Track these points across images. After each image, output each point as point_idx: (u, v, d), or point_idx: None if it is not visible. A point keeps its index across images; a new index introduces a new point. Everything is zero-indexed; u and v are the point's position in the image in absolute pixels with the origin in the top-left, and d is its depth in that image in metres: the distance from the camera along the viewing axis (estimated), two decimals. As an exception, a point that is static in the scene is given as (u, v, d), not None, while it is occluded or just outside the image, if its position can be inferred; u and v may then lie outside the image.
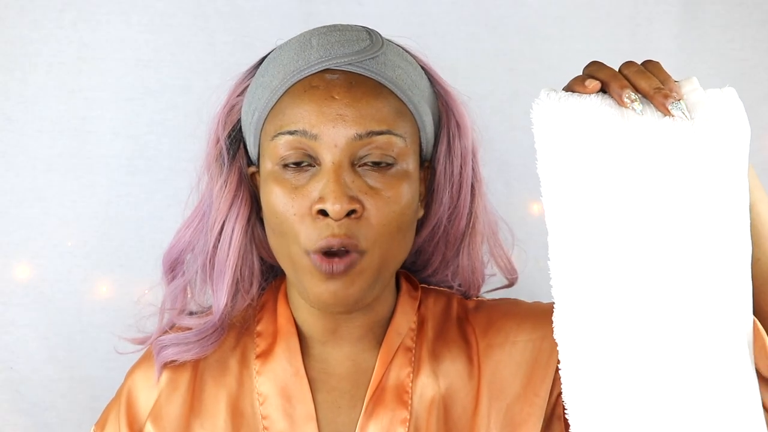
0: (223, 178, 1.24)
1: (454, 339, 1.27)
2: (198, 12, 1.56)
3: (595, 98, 1.04)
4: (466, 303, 1.32)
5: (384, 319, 1.26)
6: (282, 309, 1.27)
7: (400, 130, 1.18)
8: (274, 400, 1.23)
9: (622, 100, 1.02)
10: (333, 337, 1.25)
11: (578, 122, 1.02)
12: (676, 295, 1.01)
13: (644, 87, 1.03)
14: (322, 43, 1.19)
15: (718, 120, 1.02)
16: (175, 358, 1.25)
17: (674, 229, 1.01)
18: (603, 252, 1.01)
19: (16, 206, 1.53)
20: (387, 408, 1.22)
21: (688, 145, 1.01)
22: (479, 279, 1.33)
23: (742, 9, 1.66)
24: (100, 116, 1.54)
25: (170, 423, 1.23)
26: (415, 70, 1.23)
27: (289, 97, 1.18)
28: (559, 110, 1.03)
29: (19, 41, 1.52)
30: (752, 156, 1.67)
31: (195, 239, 1.28)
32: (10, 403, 1.53)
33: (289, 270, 1.20)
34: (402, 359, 1.25)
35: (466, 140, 1.26)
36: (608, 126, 1.02)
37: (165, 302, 1.30)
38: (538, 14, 1.63)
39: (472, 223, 1.29)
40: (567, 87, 1.06)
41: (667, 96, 1.02)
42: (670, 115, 1.02)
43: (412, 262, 1.34)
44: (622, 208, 1.01)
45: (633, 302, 1.01)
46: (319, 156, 1.16)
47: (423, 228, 1.28)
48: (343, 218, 1.14)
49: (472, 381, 1.25)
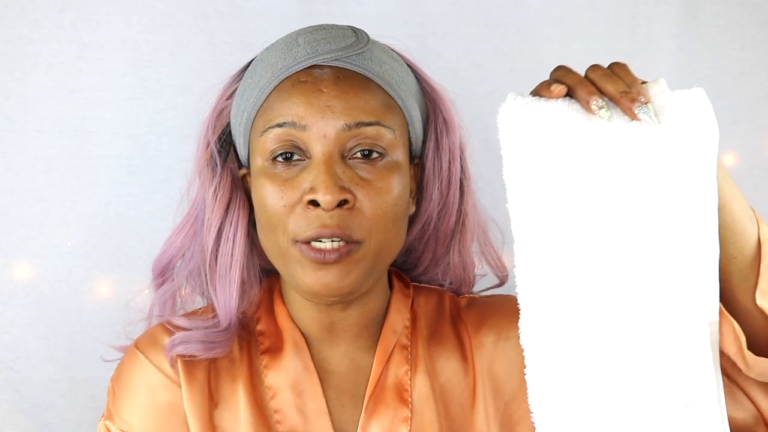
0: (216, 181, 1.24)
1: (448, 337, 1.28)
2: (198, 12, 1.56)
3: (561, 103, 1.03)
4: (458, 300, 1.32)
5: (378, 317, 1.27)
6: (279, 308, 1.27)
7: (389, 122, 1.18)
8: (285, 394, 1.23)
9: (589, 106, 1.02)
10: (329, 335, 1.25)
11: (544, 127, 1.01)
12: (643, 302, 1.01)
13: (611, 91, 1.03)
14: (309, 40, 1.20)
15: (686, 122, 1.01)
16: (195, 354, 1.23)
17: (641, 233, 1.00)
18: (570, 258, 1.01)
19: (16, 206, 1.53)
20: (389, 407, 1.22)
21: (655, 148, 1.00)
22: (470, 276, 1.33)
23: (742, 9, 1.66)
24: (100, 116, 1.54)
25: (194, 414, 1.22)
26: (402, 66, 1.24)
27: (278, 93, 1.19)
28: (525, 115, 1.02)
29: (19, 41, 1.52)
30: (752, 156, 1.68)
31: (186, 245, 1.28)
32: (10, 403, 1.53)
33: (279, 264, 1.20)
34: (399, 357, 1.25)
35: (454, 136, 1.26)
36: (575, 131, 1.01)
37: (153, 308, 1.30)
38: (538, 14, 1.63)
39: (462, 219, 1.29)
40: (534, 91, 1.06)
41: (633, 100, 1.01)
42: (636, 119, 1.01)
43: (402, 261, 1.34)
44: (588, 214, 1.00)
45: (600, 309, 1.01)
46: (309, 148, 1.16)
47: (413, 225, 1.28)
48: (335, 209, 1.14)
49: (468, 378, 1.25)
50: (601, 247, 1.00)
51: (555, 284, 1.01)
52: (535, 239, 1.01)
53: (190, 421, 1.21)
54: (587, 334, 1.01)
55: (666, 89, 1.03)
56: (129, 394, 1.23)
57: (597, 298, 1.01)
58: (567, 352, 1.02)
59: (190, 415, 1.21)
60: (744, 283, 1.09)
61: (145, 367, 1.23)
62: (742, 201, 1.08)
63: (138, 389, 1.23)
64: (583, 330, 1.01)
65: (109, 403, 1.25)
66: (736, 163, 1.68)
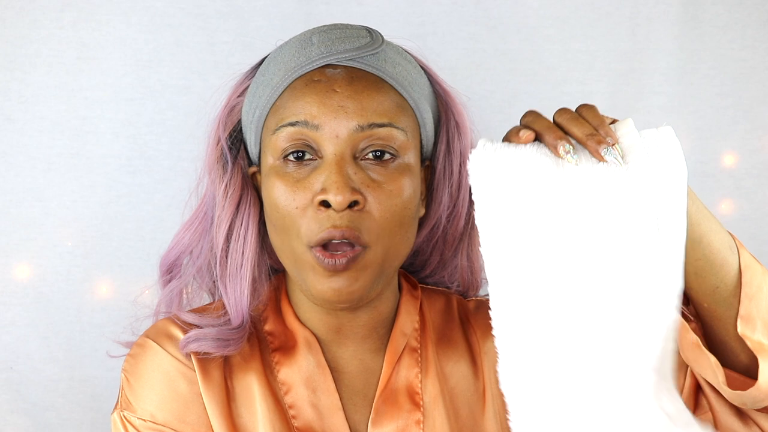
0: (227, 178, 1.24)
1: (457, 340, 1.28)
2: (198, 12, 1.56)
3: (530, 148, 1.04)
4: (466, 303, 1.32)
5: (387, 319, 1.27)
6: (286, 309, 1.27)
7: (402, 124, 1.18)
8: (299, 390, 1.23)
9: (557, 151, 1.03)
10: (337, 336, 1.25)
11: (513, 172, 1.03)
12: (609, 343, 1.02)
13: (578, 134, 1.04)
14: (323, 39, 1.20)
15: (652, 163, 1.02)
16: (210, 351, 1.22)
17: (609, 274, 1.01)
18: (542, 300, 1.02)
19: (16, 206, 1.53)
20: (402, 409, 1.22)
21: (621, 189, 1.02)
22: (478, 279, 1.33)
23: (742, 9, 1.66)
24: (100, 116, 1.54)
25: (214, 411, 1.21)
26: (415, 68, 1.23)
27: (291, 92, 1.18)
28: (495, 161, 1.03)
29: (19, 41, 1.52)
30: (752, 156, 1.68)
31: (194, 241, 1.27)
32: (10, 403, 1.53)
33: (291, 267, 1.20)
34: (409, 360, 1.25)
35: (466, 140, 1.26)
36: (543, 175, 1.03)
37: (160, 305, 1.30)
38: (538, 14, 1.63)
39: (471, 223, 1.29)
40: (504, 138, 1.07)
41: (600, 142, 1.03)
42: (603, 160, 1.03)
43: (409, 263, 1.34)
44: (558, 257, 1.02)
45: (569, 351, 1.02)
46: (320, 148, 1.16)
47: (422, 227, 1.28)
48: (346, 210, 1.14)
49: (478, 382, 1.26)
50: (572, 289, 1.02)
51: (528, 327, 1.03)
52: (508, 282, 1.03)
53: (211, 417, 1.20)
54: (558, 375, 1.03)
55: (633, 130, 1.04)
56: (147, 384, 1.21)
57: (567, 341, 1.02)
58: (540, 391, 1.03)
59: (210, 411, 1.21)
60: (729, 311, 1.11)
61: (162, 357, 1.22)
62: (719, 232, 1.10)
63: (156, 378, 1.21)
64: (555, 371, 1.03)
65: (125, 394, 1.22)
66: (736, 163, 1.68)
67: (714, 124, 1.67)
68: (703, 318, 1.14)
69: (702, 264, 1.09)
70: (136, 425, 1.20)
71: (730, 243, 1.11)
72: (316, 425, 1.21)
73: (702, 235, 1.08)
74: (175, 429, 1.20)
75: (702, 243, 1.09)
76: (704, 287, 1.11)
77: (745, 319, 1.11)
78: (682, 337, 1.12)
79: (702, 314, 1.14)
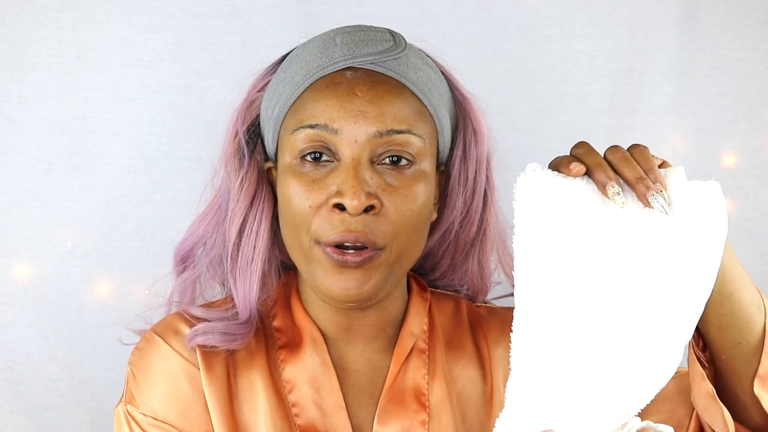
0: (242, 173, 1.24)
1: (466, 344, 1.28)
2: (198, 12, 1.56)
3: (579, 182, 1.05)
4: (476, 309, 1.33)
5: (396, 320, 1.27)
6: (296, 305, 1.27)
7: (420, 131, 1.18)
8: (303, 388, 1.23)
9: (606, 190, 1.04)
10: (346, 335, 1.25)
11: (561, 204, 1.04)
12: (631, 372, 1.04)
13: (628, 176, 1.04)
14: (346, 41, 1.20)
15: (696, 216, 1.04)
16: (216, 345, 1.23)
17: (631, 319, 1.03)
18: (568, 332, 1.03)
19: (16, 206, 1.53)
20: (408, 409, 1.23)
21: (663, 238, 1.03)
22: (488, 284, 1.34)
23: (742, 9, 1.66)
24: (100, 116, 1.54)
25: (215, 406, 1.22)
26: (436, 74, 1.24)
27: (311, 93, 1.18)
28: (543, 189, 1.04)
29: (19, 41, 1.52)
30: (752, 156, 1.68)
31: (209, 233, 1.28)
32: (10, 403, 1.53)
33: (301, 263, 1.20)
34: (417, 361, 1.25)
35: (482, 147, 1.27)
36: (589, 212, 1.04)
37: (173, 295, 1.30)
38: (538, 14, 1.63)
39: (484, 229, 1.30)
40: (552, 165, 1.07)
41: (649, 188, 1.03)
42: (649, 206, 1.03)
43: (419, 265, 1.34)
44: (590, 291, 1.03)
45: (595, 381, 1.04)
46: (338, 151, 1.16)
47: (434, 231, 1.29)
48: (361, 214, 1.15)
49: (486, 387, 1.26)
50: (600, 324, 1.03)
51: (548, 351, 1.04)
52: (537, 307, 1.04)
53: (212, 413, 1.21)
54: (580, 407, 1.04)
55: (683, 178, 1.05)
56: (151, 380, 1.22)
57: (579, 371, 1.03)
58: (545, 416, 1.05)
59: (212, 407, 1.21)
60: (747, 368, 1.12)
61: (167, 354, 1.23)
62: (750, 289, 1.11)
63: (160, 375, 1.22)
64: (577, 403, 1.04)
65: (129, 387, 1.23)
66: (736, 163, 1.68)
67: (714, 124, 1.67)
68: (719, 369, 1.14)
69: (728, 319, 1.10)
70: (138, 420, 1.21)
71: (759, 302, 1.11)
72: (319, 424, 1.22)
73: (733, 292, 1.09)
74: (176, 426, 1.20)
75: (732, 299, 1.09)
76: (726, 341, 1.11)
77: (762, 378, 1.11)
78: (698, 386, 1.13)
79: (718, 365, 1.14)
